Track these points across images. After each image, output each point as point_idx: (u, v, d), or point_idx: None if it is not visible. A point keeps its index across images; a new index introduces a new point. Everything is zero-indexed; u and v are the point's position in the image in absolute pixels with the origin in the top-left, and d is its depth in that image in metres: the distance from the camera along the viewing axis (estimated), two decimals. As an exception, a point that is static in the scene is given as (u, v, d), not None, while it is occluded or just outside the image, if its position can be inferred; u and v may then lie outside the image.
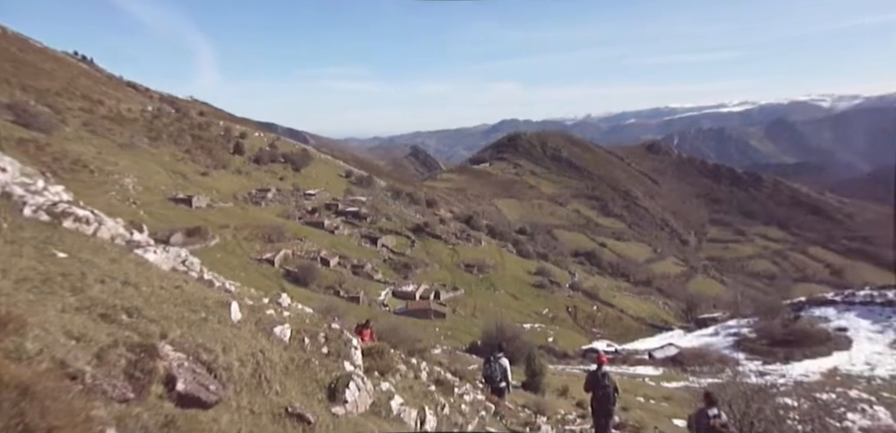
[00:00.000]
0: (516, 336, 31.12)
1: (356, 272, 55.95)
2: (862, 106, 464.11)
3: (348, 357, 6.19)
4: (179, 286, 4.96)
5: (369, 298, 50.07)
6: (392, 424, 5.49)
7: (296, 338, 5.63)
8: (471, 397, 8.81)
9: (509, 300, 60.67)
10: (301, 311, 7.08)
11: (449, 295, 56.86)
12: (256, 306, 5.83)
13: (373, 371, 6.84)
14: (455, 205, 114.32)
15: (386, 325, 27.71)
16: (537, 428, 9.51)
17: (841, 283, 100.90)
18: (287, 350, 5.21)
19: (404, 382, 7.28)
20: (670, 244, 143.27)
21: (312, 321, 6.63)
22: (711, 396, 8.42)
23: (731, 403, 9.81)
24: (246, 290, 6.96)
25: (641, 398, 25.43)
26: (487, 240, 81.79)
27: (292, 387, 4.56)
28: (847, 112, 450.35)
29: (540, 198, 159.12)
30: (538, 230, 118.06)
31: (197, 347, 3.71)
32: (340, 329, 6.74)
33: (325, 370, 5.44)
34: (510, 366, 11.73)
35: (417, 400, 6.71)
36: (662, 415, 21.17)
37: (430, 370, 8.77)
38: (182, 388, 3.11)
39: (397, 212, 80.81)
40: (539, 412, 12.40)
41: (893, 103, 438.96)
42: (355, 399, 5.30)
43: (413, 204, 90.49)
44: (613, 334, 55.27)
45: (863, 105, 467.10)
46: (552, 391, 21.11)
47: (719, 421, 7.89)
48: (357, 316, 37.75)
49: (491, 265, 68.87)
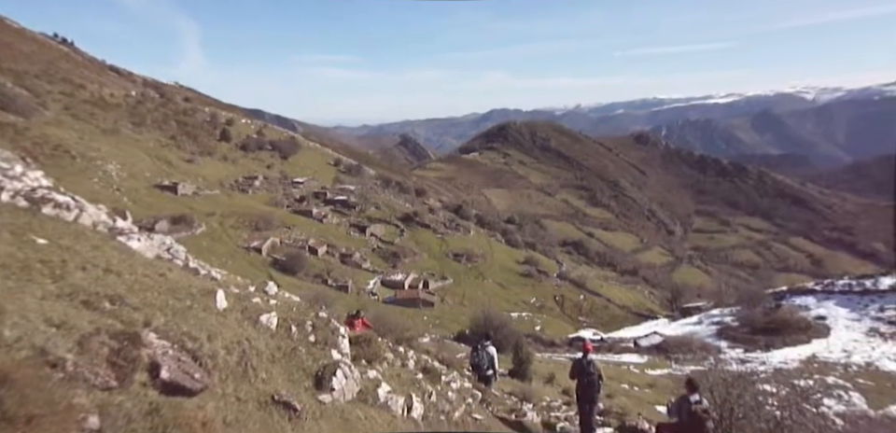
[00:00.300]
0: (504, 325, 31.37)
1: (344, 261, 55.77)
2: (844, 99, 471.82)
3: (335, 346, 6.19)
4: (163, 274, 4.90)
5: (357, 287, 50.00)
6: (379, 411, 5.52)
7: (283, 326, 5.62)
8: (458, 384, 8.88)
9: (497, 289, 61.02)
10: (288, 299, 7.05)
11: (438, 284, 57.00)
12: (242, 294, 5.79)
13: (361, 360, 6.86)
14: (445, 195, 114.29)
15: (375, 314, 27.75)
16: (523, 415, 9.62)
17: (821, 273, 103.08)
18: (274, 338, 5.20)
19: (391, 370, 7.31)
20: (656, 234, 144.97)
21: (299, 310, 6.61)
22: (693, 382, 8.58)
23: (712, 390, 10.02)
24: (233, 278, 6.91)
25: (626, 384, 25.84)
26: (476, 229, 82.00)
27: (279, 375, 4.56)
28: (829, 104, 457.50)
29: (529, 188, 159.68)
30: (526, 220, 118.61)
31: (181, 335, 3.69)
32: (327, 318, 6.73)
33: (312, 358, 5.44)
34: (497, 354, 11.84)
35: (404, 388, 6.74)
36: (646, 402, 21.55)
37: (418, 358, 8.82)
38: (166, 376, 3.10)
39: (386, 201, 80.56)
40: (526, 399, 12.54)
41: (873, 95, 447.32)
42: (342, 387, 5.31)
43: (403, 193, 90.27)
44: (599, 323, 55.96)
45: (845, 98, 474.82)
46: (538, 378, 21.34)
47: (700, 407, 8.06)
48: (345, 305, 37.75)
49: (479, 254, 69.10)
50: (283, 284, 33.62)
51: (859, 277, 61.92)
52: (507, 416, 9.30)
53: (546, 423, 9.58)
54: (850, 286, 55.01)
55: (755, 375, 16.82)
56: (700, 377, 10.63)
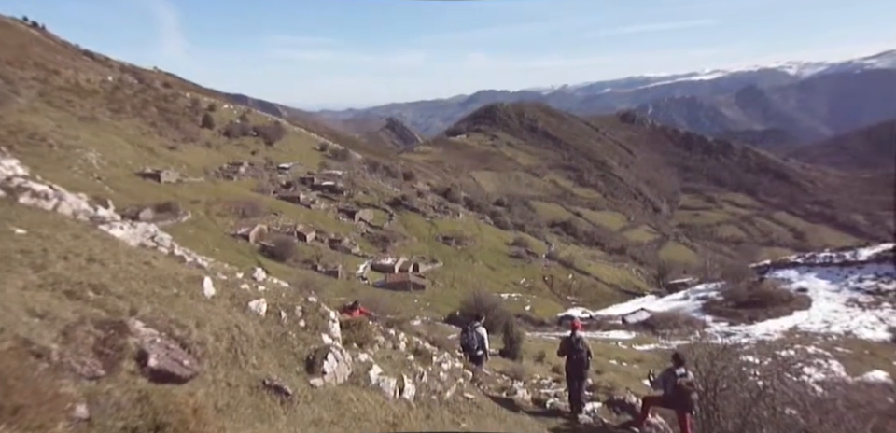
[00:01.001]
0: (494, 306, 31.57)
1: (333, 247, 55.58)
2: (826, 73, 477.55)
3: (326, 330, 6.20)
4: (148, 263, 4.84)
5: (347, 271, 49.94)
6: (371, 393, 5.55)
7: (272, 312, 5.60)
8: (449, 365, 8.96)
9: (487, 270, 61.39)
10: (276, 285, 7.02)
11: (428, 267, 57.15)
12: (230, 281, 5.75)
13: (352, 343, 6.87)
14: (433, 178, 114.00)
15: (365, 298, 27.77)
16: (513, 392, 9.75)
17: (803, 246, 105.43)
18: (264, 324, 5.18)
19: (383, 352, 7.35)
20: (643, 212, 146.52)
21: (288, 295, 6.59)
22: (679, 356, 8.76)
23: (697, 363, 10.21)
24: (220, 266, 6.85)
25: (614, 361, 26.32)
26: (465, 212, 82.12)
27: (270, 360, 4.56)
28: (811, 79, 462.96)
29: (517, 169, 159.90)
30: (515, 202, 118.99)
31: (169, 323, 3.66)
32: (317, 303, 6.72)
33: (303, 342, 5.44)
34: (487, 334, 11.93)
35: (396, 370, 6.79)
36: (634, 377, 21.97)
37: (409, 340, 8.86)
38: (155, 364, 3.07)
39: (374, 185, 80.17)
40: (516, 377, 12.70)
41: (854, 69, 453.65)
42: (333, 371, 5.33)
43: (391, 178, 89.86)
44: (588, 301, 56.72)
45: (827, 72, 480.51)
46: (529, 357, 21.63)
47: (685, 380, 8.24)
48: (335, 291, 37.72)
49: (469, 237, 69.31)
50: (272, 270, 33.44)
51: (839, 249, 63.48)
52: (498, 394, 9.42)
53: (536, 399, 9.72)
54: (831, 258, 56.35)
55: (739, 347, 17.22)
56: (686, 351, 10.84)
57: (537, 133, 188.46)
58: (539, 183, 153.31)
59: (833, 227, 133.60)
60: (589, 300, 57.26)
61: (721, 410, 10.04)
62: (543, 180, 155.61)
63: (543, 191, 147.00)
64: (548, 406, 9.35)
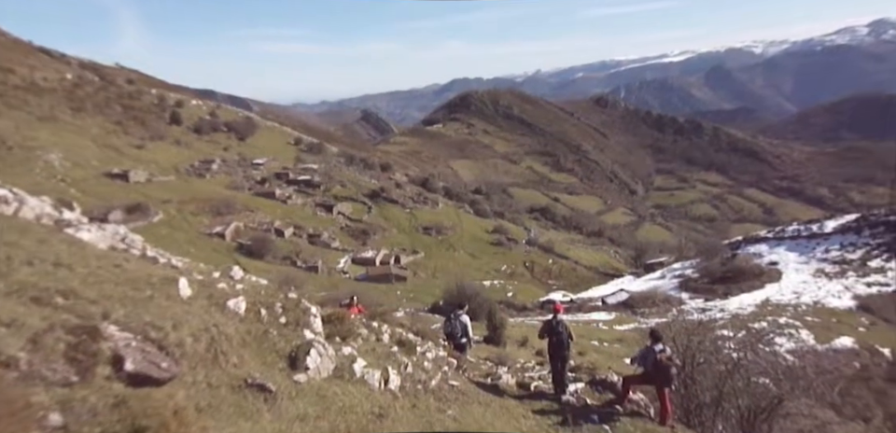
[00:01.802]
0: (477, 294, 31.79)
1: (312, 242, 54.96)
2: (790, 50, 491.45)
3: (308, 325, 6.13)
4: (119, 265, 4.69)
5: (327, 266, 49.48)
6: (356, 386, 5.53)
7: (252, 310, 5.51)
8: (434, 354, 8.98)
9: (468, 259, 61.64)
10: (255, 283, 6.90)
11: (409, 258, 57.06)
12: (206, 281, 5.62)
13: (335, 337, 6.82)
14: (411, 168, 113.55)
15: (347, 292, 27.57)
16: (498, 378, 9.84)
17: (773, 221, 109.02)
18: (244, 322, 5.09)
19: (366, 345, 7.31)
20: (619, 195, 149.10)
21: (267, 292, 6.49)
22: (657, 333, 8.97)
23: (675, 339, 10.49)
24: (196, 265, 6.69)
25: (596, 341, 26.83)
26: (444, 201, 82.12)
27: (251, 358, 4.49)
28: (776, 57, 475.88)
29: (495, 157, 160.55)
30: (493, 189, 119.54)
31: (144, 325, 3.55)
32: (297, 299, 6.64)
33: (284, 339, 5.38)
34: (470, 322, 12.00)
35: (380, 362, 6.77)
36: (615, 356, 22.44)
37: (392, 332, 8.84)
38: (131, 368, 2.99)
39: (351, 178, 79.39)
40: (501, 362, 12.82)
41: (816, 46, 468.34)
42: (317, 366, 5.28)
43: (368, 170, 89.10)
44: (569, 284, 57.56)
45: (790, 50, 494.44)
46: (512, 343, 21.84)
47: (664, 355, 8.45)
48: (316, 286, 37.36)
49: (449, 226, 69.40)
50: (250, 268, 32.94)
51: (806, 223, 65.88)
52: (482, 380, 9.50)
53: (521, 383, 9.84)
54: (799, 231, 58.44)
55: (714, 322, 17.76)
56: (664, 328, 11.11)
57: (512, 120, 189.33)
58: (517, 170, 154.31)
59: (800, 201, 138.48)
60: (569, 284, 58.10)
61: (698, 383, 10.35)
62: (520, 167, 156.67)
63: (521, 178, 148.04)
64: (532, 389, 9.47)
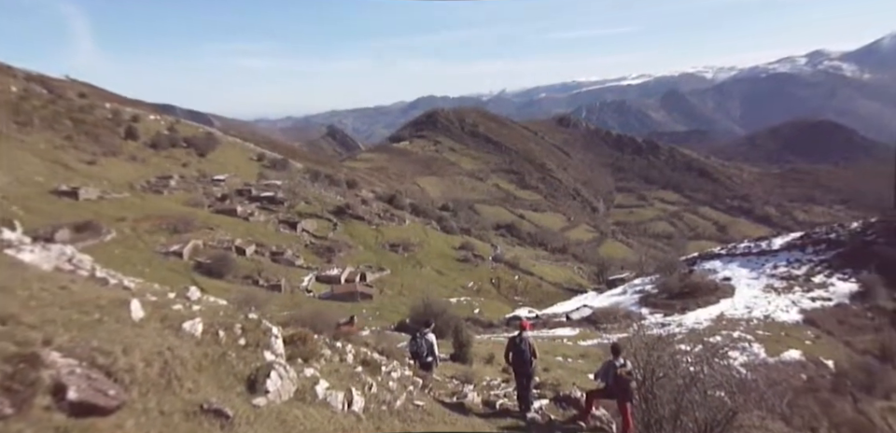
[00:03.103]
0: (443, 311, 31.67)
1: (275, 260, 53.59)
2: (737, 77, 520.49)
3: (268, 347, 5.96)
4: (65, 287, 4.45)
5: (291, 285, 48.28)
6: (318, 408, 5.39)
7: (209, 332, 5.31)
8: (399, 374, 8.88)
9: (435, 276, 61.48)
10: (213, 304, 6.66)
11: (375, 276, 56.41)
12: (161, 302, 5.39)
13: (297, 359, 6.66)
14: (377, 185, 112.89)
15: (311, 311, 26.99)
16: (463, 396, 9.81)
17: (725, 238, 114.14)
18: (200, 345, 4.90)
19: (329, 366, 7.17)
20: (582, 212, 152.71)
21: (226, 313, 6.28)
22: (618, 348, 9.21)
23: (636, 354, 10.75)
24: (150, 286, 6.39)
25: (560, 357, 27.13)
26: (411, 218, 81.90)
27: (207, 383, 4.31)
28: (725, 82, 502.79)
29: (461, 174, 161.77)
30: (460, 206, 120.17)
31: (91, 351, 3.37)
32: (258, 319, 6.45)
33: (243, 361, 5.20)
34: (436, 340, 11.94)
35: (343, 383, 6.64)
36: (579, 372, 22.76)
37: (357, 351, 8.69)
38: (74, 396, 2.82)
39: (316, 195, 78.14)
40: (467, 380, 12.79)
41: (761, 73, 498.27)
42: (277, 389, 5.13)
43: (334, 186, 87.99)
44: (534, 300, 58.24)
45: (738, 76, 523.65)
46: (479, 360, 21.82)
47: (624, 370, 8.66)
48: (279, 305, 36.34)
49: (416, 243, 69.18)
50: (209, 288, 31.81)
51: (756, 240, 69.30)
52: (448, 399, 9.45)
53: (486, 401, 9.84)
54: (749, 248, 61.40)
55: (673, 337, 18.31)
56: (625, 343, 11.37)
57: (478, 138, 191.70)
58: (483, 187, 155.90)
59: (750, 219, 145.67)
60: (535, 300, 58.78)
61: (658, 397, 10.62)
62: (487, 184, 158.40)
63: (487, 195, 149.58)
64: (498, 407, 9.49)
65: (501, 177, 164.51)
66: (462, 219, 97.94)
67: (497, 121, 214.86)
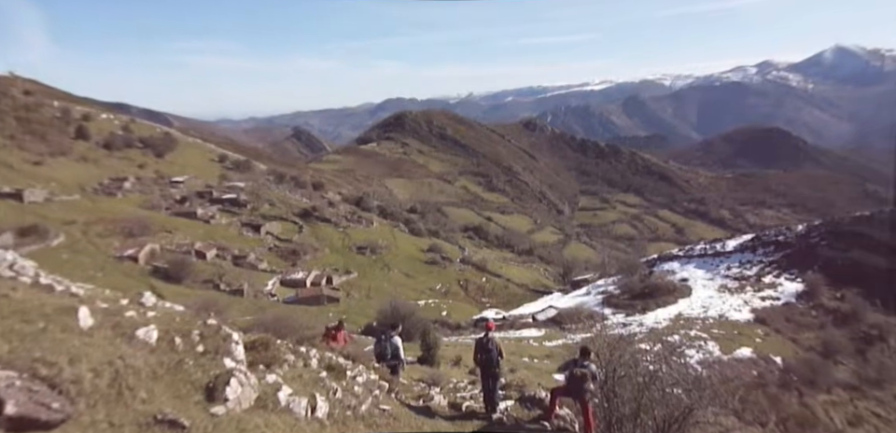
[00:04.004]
0: (411, 313, 31.68)
1: (237, 263, 52.08)
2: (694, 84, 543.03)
3: (228, 353, 5.79)
4: (6, 295, 4.20)
5: (254, 289, 47.03)
6: (280, 415, 5.28)
7: (165, 339, 5.12)
8: (365, 378, 8.78)
9: (403, 278, 61.19)
10: (169, 310, 6.42)
11: (342, 279, 55.67)
12: (112, 309, 5.16)
13: (258, 365, 6.50)
14: (344, 187, 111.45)
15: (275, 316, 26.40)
16: (430, 399, 9.81)
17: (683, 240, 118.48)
18: (155, 353, 4.72)
19: (293, 371, 7.02)
20: (548, 214, 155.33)
21: (183, 319, 6.06)
22: (586, 349, 9.39)
23: (598, 354, 11.01)
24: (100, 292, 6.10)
25: (526, 358, 27.54)
26: (379, 220, 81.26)
27: (162, 392, 4.16)
28: (682, 90, 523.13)
29: (429, 176, 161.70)
30: (428, 208, 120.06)
31: (33, 362, 3.19)
32: (217, 325, 6.26)
33: (201, 369, 5.04)
34: (402, 343, 11.88)
35: (307, 388, 6.52)
36: (544, 372, 23.18)
37: (321, 356, 8.55)
38: (13, 411, 2.66)
39: (281, 197, 76.45)
40: (434, 383, 12.80)
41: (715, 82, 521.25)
42: (237, 396, 4.99)
43: (299, 188, 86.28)
44: (501, 302, 58.83)
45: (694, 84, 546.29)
46: (446, 362, 21.91)
47: (581, 369, 8.83)
48: (241, 310, 35.33)
49: (383, 245, 68.67)
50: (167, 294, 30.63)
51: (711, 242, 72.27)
52: (415, 402, 9.42)
53: (453, 403, 9.87)
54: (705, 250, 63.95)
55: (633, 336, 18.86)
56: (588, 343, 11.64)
57: (446, 141, 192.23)
58: (451, 189, 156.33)
59: (705, 222, 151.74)
60: (502, 301, 59.37)
61: (619, 395, 10.92)
62: (455, 186, 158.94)
63: (455, 197, 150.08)
64: (464, 409, 9.53)
65: (469, 180, 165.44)
66: (430, 222, 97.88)
67: (465, 124, 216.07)
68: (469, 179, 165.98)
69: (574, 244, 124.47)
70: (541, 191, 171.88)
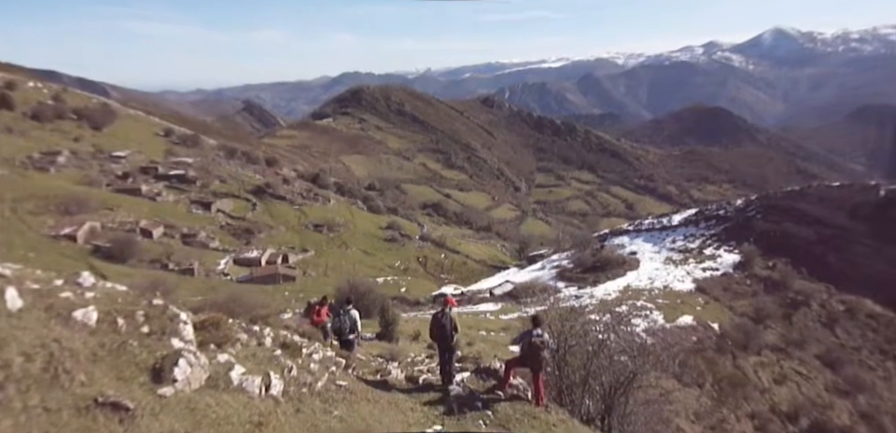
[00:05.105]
0: (370, 290, 31.48)
1: (187, 242, 50.03)
2: (645, 63, 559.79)
3: (176, 333, 5.63)
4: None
5: (205, 268, 45.44)
6: (233, 394, 5.21)
7: (105, 320, 4.91)
8: (321, 355, 8.75)
9: (361, 256, 60.72)
10: (111, 290, 6.13)
11: (298, 257, 54.61)
12: (45, 290, 4.88)
13: (209, 345, 6.35)
14: (300, 164, 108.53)
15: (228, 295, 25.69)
16: (387, 374, 9.90)
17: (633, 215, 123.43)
18: (94, 335, 4.52)
19: (246, 350, 6.90)
20: (505, 191, 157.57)
21: (127, 300, 5.81)
22: (538, 318, 9.75)
23: (551, 325, 11.43)
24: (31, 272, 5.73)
25: (484, 331, 28.18)
26: (336, 198, 79.84)
27: (103, 375, 4.01)
28: (635, 68, 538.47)
29: (388, 153, 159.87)
30: (387, 186, 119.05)
31: (-45, 347, 3.00)
32: (164, 305, 6.05)
33: (147, 350, 4.89)
34: (360, 317, 11.88)
35: (261, 367, 6.45)
36: (500, 345, 23.82)
37: (276, 334, 8.42)
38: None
39: (232, 173, 73.53)
40: (392, 358, 12.89)
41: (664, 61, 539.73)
42: (186, 376, 4.89)
43: (252, 164, 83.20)
44: (460, 278, 59.59)
45: (646, 62, 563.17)
46: (405, 337, 22.07)
47: (539, 339, 9.20)
48: (191, 290, 34.08)
49: (341, 223, 67.69)
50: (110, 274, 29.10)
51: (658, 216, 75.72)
52: (372, 377, 9.49)
53: (410, 377, 10.00)
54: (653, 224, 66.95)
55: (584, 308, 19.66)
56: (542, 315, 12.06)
57: (405, 117, 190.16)
58: (410, 166, 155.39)
59: (654, 197, 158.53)
60: (461, 277, 60.14)
61: (569, 364, 11.44)
62: (413, 163, 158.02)
63: (414, 174, 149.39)
64: (421, 382, 9.68)
65: (428, 157, 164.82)
66: (389, 199, 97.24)
67: (424, 100, 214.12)
68: (428, 156, 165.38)
69: (530, 221, 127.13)
70: (499, 169, 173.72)
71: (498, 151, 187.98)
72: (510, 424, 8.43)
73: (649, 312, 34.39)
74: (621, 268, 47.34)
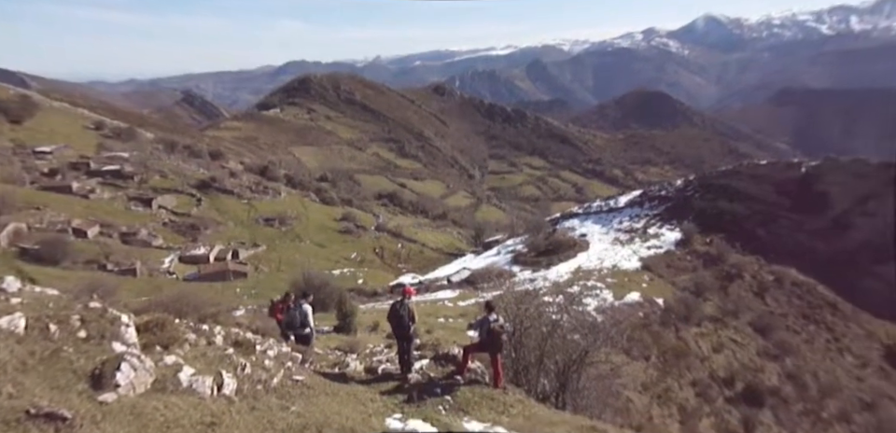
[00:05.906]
0: (325, 283, 30.94)
1: (127, 241, 47.21)
2: (590, 50, 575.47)
3: (117, 337, 5.35)
4: None
5: (148, 268, 43.07)
6: (182, 396, 5.01)
7: (35, 327, 4.60)
8: (275, 351, 8.56)
9: (315, 249, 59.42)
10: (40, 295, 5.72)
11: (249, 252, 52.78)
12: (-37, 299, 4.49)
13: (154, 347, 6.08)
14: (247, 156, 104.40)
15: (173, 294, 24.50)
16: (346, 366, 9.83)
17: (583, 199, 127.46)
18: (23, 343, 4.22)
19: (195, 350, 6.65)
20: (460, 179, 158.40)
21: (59, 304, 5.45)
22: (491, 304, 9.95)
23: (506, 308, 11.68)
24: (-54, 282, 5.26)
25: (442, 318, 28.39)
26: (287, 191, 77.52)
27: (35, 385, 3.75)
28: (580, 55, 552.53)
29: (339, 143, 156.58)
30: (339, 176, 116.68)
31: None
32: (102, 308, 5.72)
33: (85, 356, 4.62)
34: (312, 311, 11.67)
35: (212, 367, 6.24)
36: (458, 331, 24.08)
37: (227, 332, 8.16)
38: None
39: (174, 167, 69.74)
40: (350, 350, 12.78)
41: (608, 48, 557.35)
42: (130, 381, 4.66)
43: (194, 158, 79.19)
44: (417, 267, 59.57)
45: (590, 49, 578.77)
46: (363, 329, 21.89)
47: (496, 324, 9.41)
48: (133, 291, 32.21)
49: (293, 216, 65.87)
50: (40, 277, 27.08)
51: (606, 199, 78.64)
52: (330, 370, 9.39)
53: (369, 368, 9.97)
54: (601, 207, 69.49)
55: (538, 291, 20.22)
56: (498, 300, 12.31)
57: (355, 106, 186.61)
58: (363, 156, 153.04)
59: (602, 180, 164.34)
60: (418, 266, 60.13)
61: (525, 345, 11.77)
62: (366, 153, 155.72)
63: (367, 164, 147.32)
64: (379, 372, 9.68)
65: (381, 146, 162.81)
66: (342, 190, 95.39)
67: (375, 89, 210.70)
68: (381, 146, 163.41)
69: (485, 207, 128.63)
70: (453, 157, 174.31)
71: (451, 139, 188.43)
72: (468, 407, 8.58)
73: (599, 291, 35.82)
74: (572, 250, 48.93)
